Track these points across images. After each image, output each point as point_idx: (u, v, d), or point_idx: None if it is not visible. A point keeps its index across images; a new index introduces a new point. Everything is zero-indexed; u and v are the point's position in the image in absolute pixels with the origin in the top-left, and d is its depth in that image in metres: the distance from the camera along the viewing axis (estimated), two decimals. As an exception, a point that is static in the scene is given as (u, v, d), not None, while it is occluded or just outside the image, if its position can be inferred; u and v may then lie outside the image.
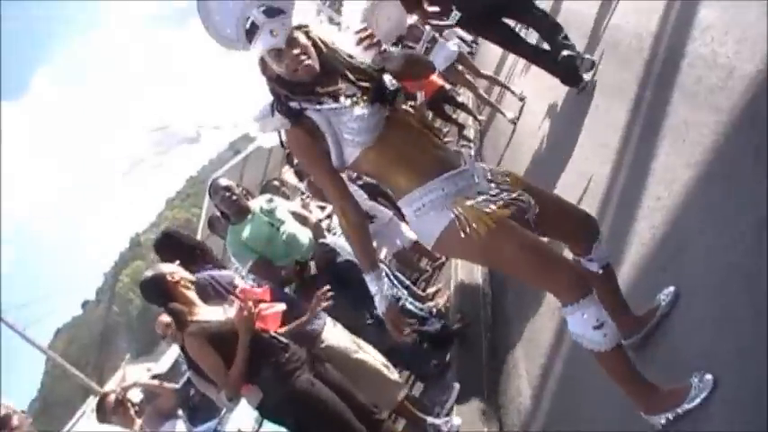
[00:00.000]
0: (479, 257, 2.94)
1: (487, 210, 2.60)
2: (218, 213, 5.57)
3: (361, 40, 2.66)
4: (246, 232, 5.02)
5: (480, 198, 2.65)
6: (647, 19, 5.07)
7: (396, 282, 5.94)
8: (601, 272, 2.91)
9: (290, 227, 5.15)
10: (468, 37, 12.58)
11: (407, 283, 6.48)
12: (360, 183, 7.33)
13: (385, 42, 3.06)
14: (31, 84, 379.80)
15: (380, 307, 2.84)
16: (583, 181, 4.73)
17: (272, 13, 2.68)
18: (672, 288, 2.96)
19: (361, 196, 6.95)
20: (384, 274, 3.01)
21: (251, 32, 2.69)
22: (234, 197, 5.11)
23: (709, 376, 2.41)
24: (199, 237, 13.28)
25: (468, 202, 2.62)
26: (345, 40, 2.86)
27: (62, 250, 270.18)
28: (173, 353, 10.00)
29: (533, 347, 4.20)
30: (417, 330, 5.26)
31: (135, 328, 62.60)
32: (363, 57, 2.79)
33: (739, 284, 2.59)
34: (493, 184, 2.75)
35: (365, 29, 2.84)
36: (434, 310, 5.83)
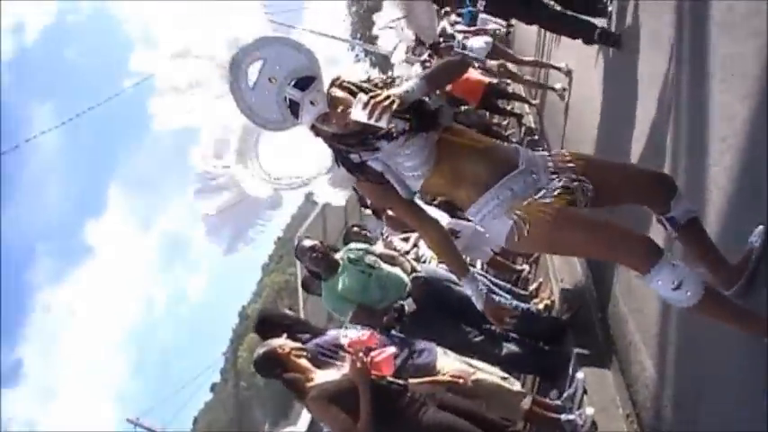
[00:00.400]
0: (549, 249, 3.06)
1: (545, 204, 2.66)
2: (309, 274, 5.70)
3: (373, 108, 2.65)
4: (340, 285, 5.15)
5: (539, 194, 2.70)
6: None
7: (498, 289, 5.93)
8: (686, 226, 2.89)
9: (381, 270, 5.23)
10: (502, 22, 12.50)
11: (509, 287, 6.45)
12: (436, 203, 7.38)
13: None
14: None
15: (479, 305, 3.09)
16: (648, 138, 4.65)
17: (303, 84, 2.76)
18: (761, 227, 2.89)
19: (441, 216, 7.00)
20: (476, 275, 3.29)
21: (294, 109, 2.78)
22: (320, 255, 5.24)
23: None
24: (299, 296, 13.61)
25: (525, 203, 2.68)
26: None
27: (176, 342, 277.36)
28: (308, 412, 10.17)
29: (643, 318, 4.12)
30: (529, 333, 5.25)
31: (266, 396, 63.60)
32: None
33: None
34: (554, 175, 2.77)
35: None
36: (542, 306, 5.80)
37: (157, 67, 3.55)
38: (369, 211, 8.02)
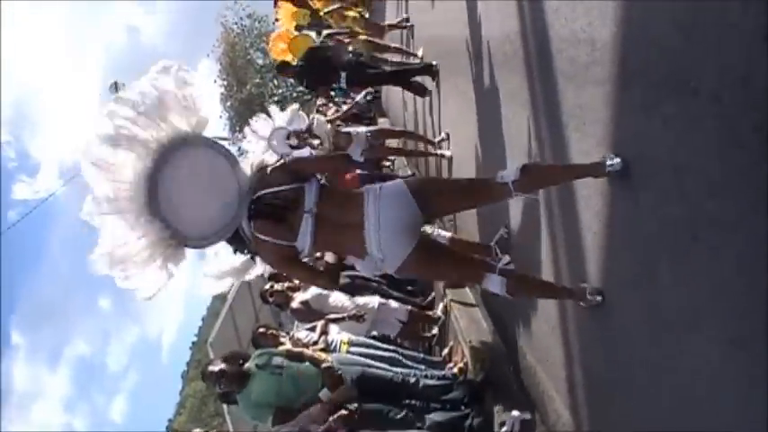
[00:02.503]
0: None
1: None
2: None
3: None
4: (253, 394, 5.08)
5: None
6: (507, 22, 5.24)
7: (411, 362, 5.94)
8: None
9: (290, 368, 5.18)
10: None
11: (422, 356, 6.47)
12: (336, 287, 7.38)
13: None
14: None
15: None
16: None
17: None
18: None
19: (343, 301, 7.02)
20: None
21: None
22: (227, 375, 5.17)
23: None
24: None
25: None
26: None
27: None
28: None
29: (550, 367, 4.24)
30: (449, 399, 5.27)
31: None
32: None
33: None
34: None
35: None
36: (456, 369, 5.82)
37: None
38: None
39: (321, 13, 10.69)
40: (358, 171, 9.18)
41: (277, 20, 12.90)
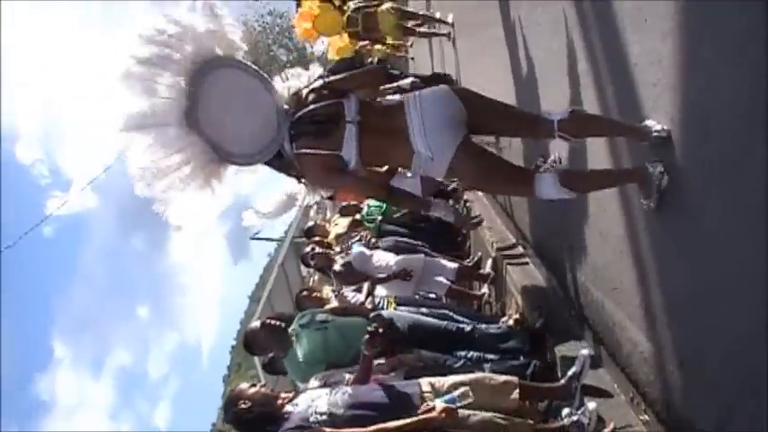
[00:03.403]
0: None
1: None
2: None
3: None
4: (300, 353, 4.78)
5: None
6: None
7: (463, 317, 5.63)
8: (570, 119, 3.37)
9: (336, 321, 4.93)
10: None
11: (474, 313, 6.19)
12: (381, 247, 7.16)
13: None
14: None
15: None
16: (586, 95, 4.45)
17: None
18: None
19: (388, 257, 6.76)
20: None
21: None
22: (270, 333, 4.89)
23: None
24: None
25: None
26: None
27: None
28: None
29: (621, 294, 3.92)
30: (507, 350, 4.97)
31: None
32: None
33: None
34: None
35: None
36: (512, 321, 5.52)
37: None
38: (314, 274, 7.74)
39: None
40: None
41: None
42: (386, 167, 4.06)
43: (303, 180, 3.72)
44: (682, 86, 3.11)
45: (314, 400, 3.75)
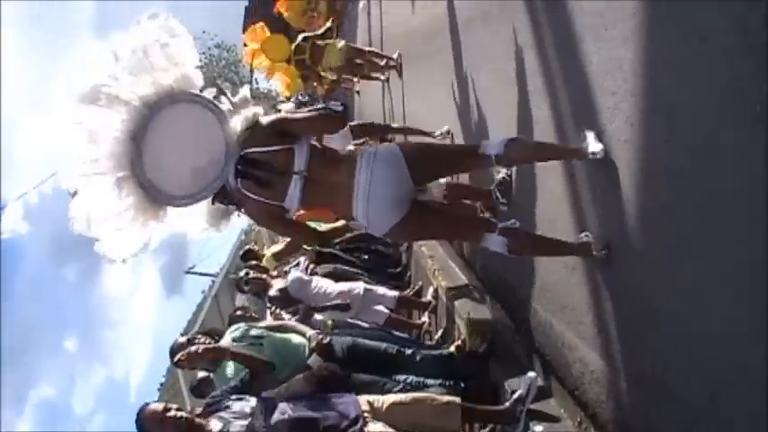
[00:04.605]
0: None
1: None
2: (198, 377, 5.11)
3: None
4: (229, 369, 4.44)
5: None
6: None
7: (402, 342, 5.39)
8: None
9: (271, 338, 4.64)
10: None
11: (414, 339, 5.98)
12: (319, 273, 6.95)
13: None
14: None
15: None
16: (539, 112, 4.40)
17: None
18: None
19: (325, 286, 6.53)
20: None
21: None
22: (200, 348, 4.54)
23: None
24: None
25: None
26: None
27: None
28: None
29: (571, 313, 3.76)
30: (449, 376, 4.76)
31: None
32: None
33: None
34: None
35: None
36: (453, 348, 5.31)
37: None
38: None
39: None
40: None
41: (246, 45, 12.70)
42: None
43: (242, 212, 3.63)
44: (643, 90, 3.03)
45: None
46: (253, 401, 3.70)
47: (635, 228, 3.08)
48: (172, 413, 3.53)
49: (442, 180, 4.83)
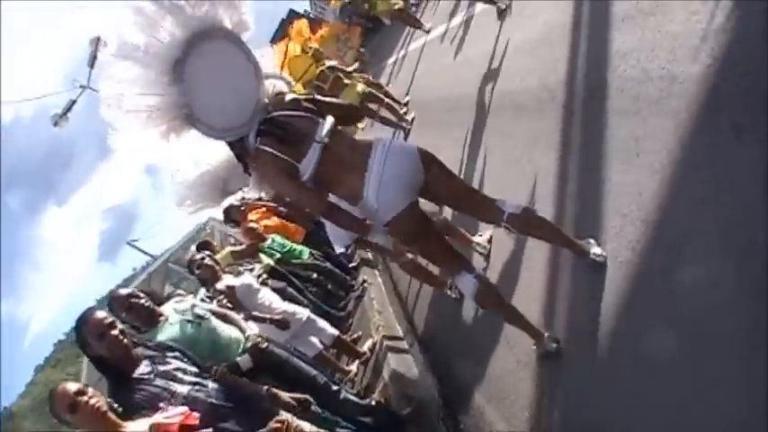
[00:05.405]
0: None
1: None
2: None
3: None
4: (163, 335, 4.32)
5: None
6: (552, 68, 5.02)
7: (331, 378, 5.35)
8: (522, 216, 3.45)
9: (210, 322, 4.56)
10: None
11: (339, 381, 5.92)
12: (270, 286, 6.90)
13: None
14: None
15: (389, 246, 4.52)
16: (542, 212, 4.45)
17: None
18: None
19: (272, 300, 6.48)
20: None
21: None
22: (142, 301, 4.45)
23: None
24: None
25: None
26: None
27: None
28: None
29: (509, 406, 3.79)
30: (363, 423, 4.74)
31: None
32: None
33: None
34: None
35: None
36: (374, 403, 5.28)
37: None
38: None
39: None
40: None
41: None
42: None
43: (250, 172, 3.74)
44: (655, 222, 3.12)
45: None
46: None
47: (600, 346, 3.15)
48: (115, 332, 3.50)
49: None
